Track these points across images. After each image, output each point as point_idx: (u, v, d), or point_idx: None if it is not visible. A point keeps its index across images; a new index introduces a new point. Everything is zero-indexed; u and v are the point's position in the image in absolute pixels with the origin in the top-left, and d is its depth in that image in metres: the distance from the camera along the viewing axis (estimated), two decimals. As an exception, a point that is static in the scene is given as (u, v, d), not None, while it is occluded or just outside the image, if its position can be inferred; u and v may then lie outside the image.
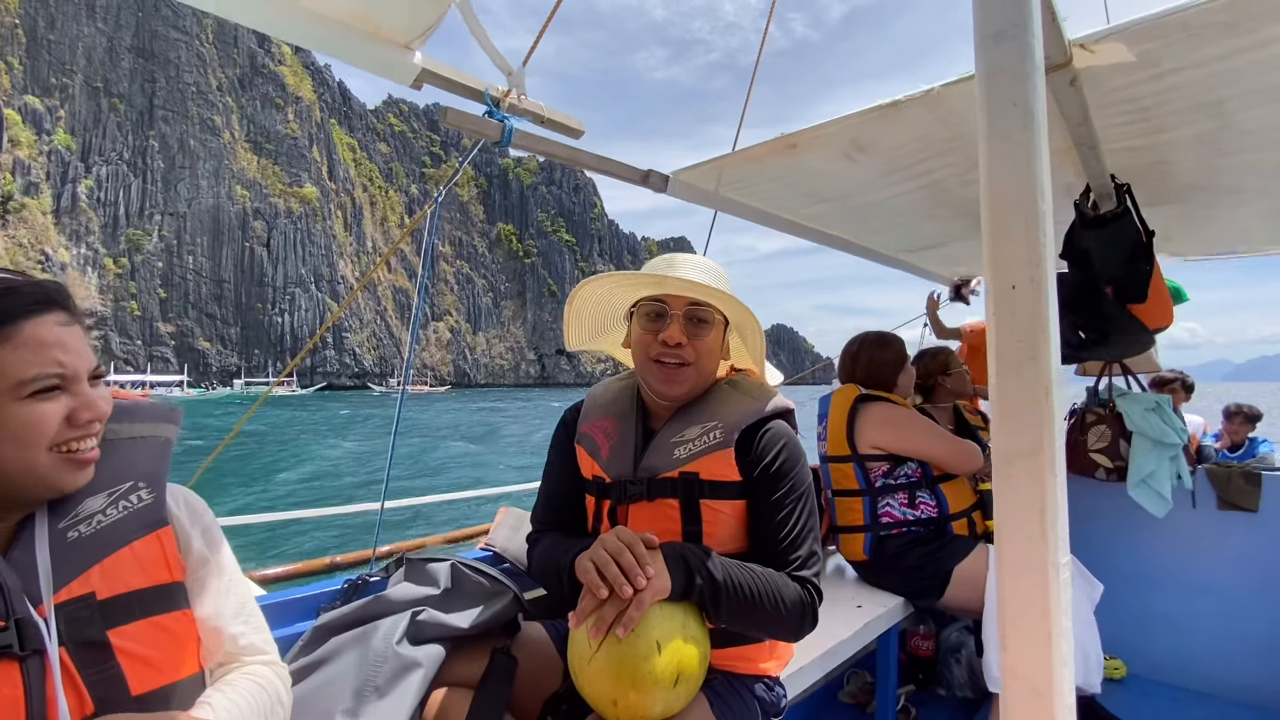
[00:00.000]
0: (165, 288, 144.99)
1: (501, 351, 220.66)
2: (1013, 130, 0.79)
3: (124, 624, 0.76)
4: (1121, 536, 2.61)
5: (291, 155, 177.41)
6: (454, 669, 1.16)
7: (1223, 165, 1.90)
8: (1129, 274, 2.17)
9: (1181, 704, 2.32)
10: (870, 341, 2.28)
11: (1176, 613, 2.49)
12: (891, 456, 2.11)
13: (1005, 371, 0.79)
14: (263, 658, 0.91)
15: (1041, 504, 0.75)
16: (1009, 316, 0.79)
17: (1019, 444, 0.77)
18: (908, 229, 2.66)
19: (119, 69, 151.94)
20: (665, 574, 1.02)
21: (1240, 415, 4.89)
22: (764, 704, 1.25)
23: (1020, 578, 0.76)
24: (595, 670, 0.99)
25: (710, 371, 1.28)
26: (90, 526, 0.78)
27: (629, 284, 1.28)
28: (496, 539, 1.59)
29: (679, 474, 1.20)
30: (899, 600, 2.01)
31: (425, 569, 1.30)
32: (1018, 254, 0.78)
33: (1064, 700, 0.75)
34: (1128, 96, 1.57)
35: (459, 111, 1.54)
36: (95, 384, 0.80)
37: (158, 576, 0.81)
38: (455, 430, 33.69)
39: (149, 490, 0.84)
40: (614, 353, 1.49)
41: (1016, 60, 0.78)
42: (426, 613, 1.17)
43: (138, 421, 0.88)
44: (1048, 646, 0.74)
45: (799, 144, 1.89)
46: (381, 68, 1.44)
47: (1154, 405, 2.38)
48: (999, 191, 0.80)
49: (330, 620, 1.17)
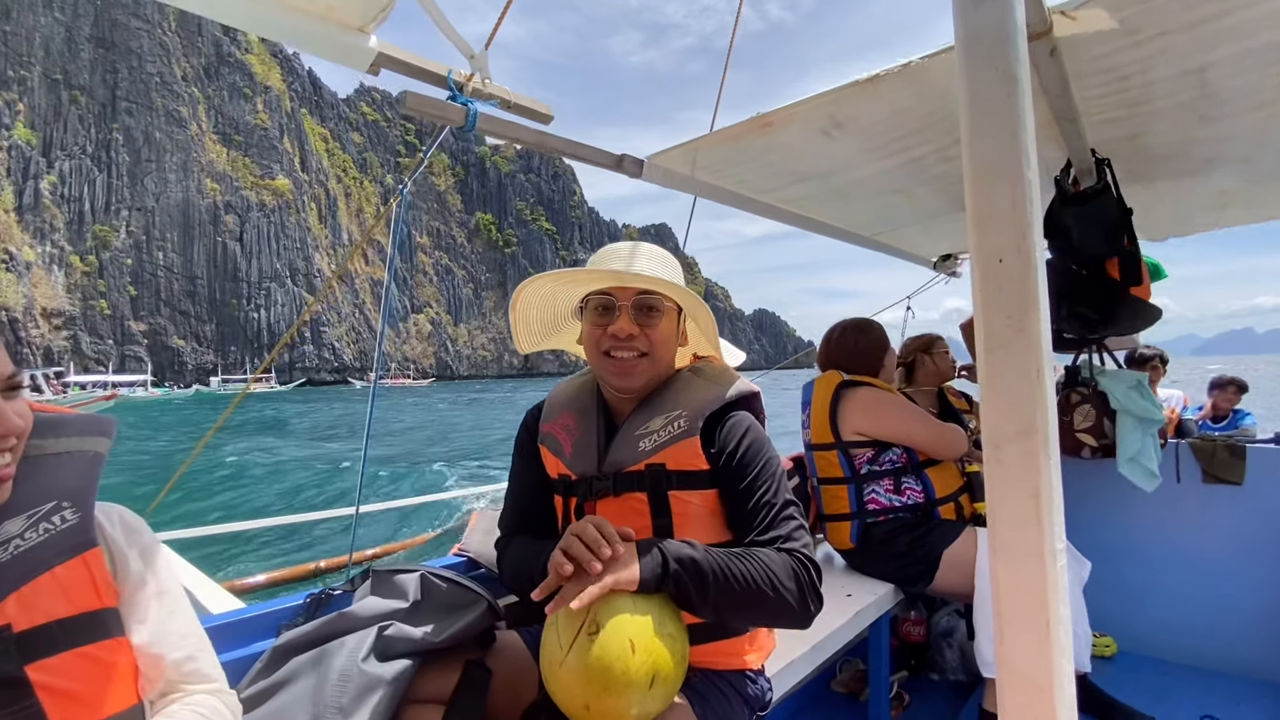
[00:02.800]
0: (135, 285, 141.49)
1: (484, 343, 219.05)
2: (995, 96, 0.74)
3: (44, 657, 0.70)
4: (1107, 513, 2.62)
5: (262, 147, 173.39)
6: (425, 684, 1.10)
7: (1202, 135, 1.88)
8: (1110, 252, 2.16)
9: (1171, 678, 2.34)
10: (851, 328, 2.25)
11: (1164, 588, 2.51)
12: (876, 443, 2.08)
13: (994, 349, 0.74)
14: (209, 686, 0.85)
15: (1036, 488, 0.71)
16: (996, 291, 0.74)
17: (1010, 425, 0.73)
18: (887, 208, 2.62)
19: (79, 60, 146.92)
20: (635, 564, 0.97)
21: (1233, 386, 4.97)
22: (748, 699, 1.21)
23: (1015, 565, 0.72)
24: (566, 673, 0.94)
25: (668, 360, 1.24)
26: (6, 552, 0.71)
27: (569, 280, 1.24)
28: (470, 544, 1.53)
29: (645, 466, 1.16)
30: (889, 587, 1.99)
31: (393, 581, 1.23)
32: (1003, 225, 0.73)
33: (1064, 692, 0.71)
34: (1108, 65, 1.54)
35: (419, 96, 1.46)
36: (12, 396, 0.73)
37: (84, 603, 0.74)
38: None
39: (74, 510, 0.77)
40: (573, 349, 1.44)
41: (998, 22, 0.73)
42: (394, 627, 1.11)
43: (64, 435, 0.80)
44: (1046, 637, 0.70)
45: (775, 122, 1.84)
46: (335, 53, 1.36)
47: (1135, 383, 2.38)
48: (982, 161, 0.75)
49: (290, 640, 1.10)
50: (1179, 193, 2.39)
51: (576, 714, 0.96)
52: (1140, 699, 2.09)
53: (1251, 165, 2.09)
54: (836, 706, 2.23)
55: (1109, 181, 2.03)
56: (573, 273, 1.21)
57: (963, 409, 2.53)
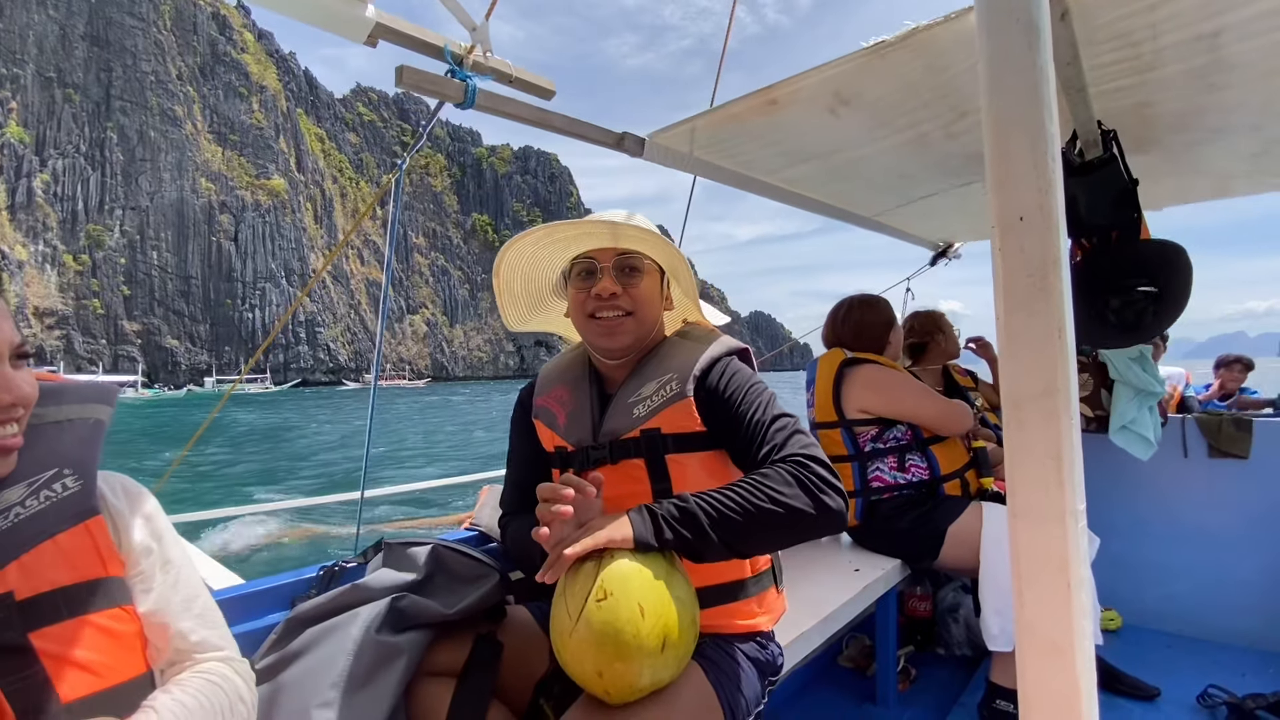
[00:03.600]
0: (129, 285, 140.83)
1: (480, 344, 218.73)
2: (1016, 49, 0.72)
3: (48, 625, 0.68)
4: (1112, 488, 2.63)
5: (257, 146, 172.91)
6: (437, 656, 1.09)
7: (1210, 103, 1.87)
8: (1116, 223, 2.15)
9: (1177, 650, 2.35)
10: (858, 304, 2.24)
11: (1170, 562, 2.52)
12: (880, 420, 2.07)
13: (1014, 309, 0.72)
14: (218, 654, 0.83)
15: (1057, 448, 0.69)
16: (1017, 251, 0.72)
17: (1031, 385, 0.71)
18: (890, 187, 2.61)
19: (73, 58, 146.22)
20: (625, 523, 0.96)
21: (1239, 364, 5.03)
22: (760, 664, 1.19)
23: (1036, 527, 0.70)
24: (577, 642, 0.92)
25: (652, 320, 1.24)
26: (6, 520, 0.69)
27: (547, 241, 1.23)
28: (481, 518, 1.53)
29: (640, 432, 1.16)
30: (895, 563, 1.99)
31: (405, 553, 1.22)
32: (1025, 181, 0.71)
33: (1085, 654, 0.70)
34: (1120, 30, 1.53)
35: (415, 70, 1.44)
36: (18, 365, 0.72)
37: (88, 571, 0.73)
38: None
39: (75, 477, 0.75)
40: (562, 330, 1.44)
41: None
42: (407, 599, 1.10)
43: (65, 403, 0.79)
44: (1067, 599, 0.68)
45: (779, 99, 1.82)
46: (332, 22, 1.34)
47: (1137, 355, 2.38)
48: (1003, 115, 0.73)
49: (305, 611, 1.09)
50: (1184, 162, 2.38)
51: (589, 682, 0.95)
52: (1146, 671, 2.10)
53: (1260, 134, 2.09)
54: (844, 681, 2.23)
55: (1115, 153, 2.02)
56: (550, 228, 1.20)
57: (968, 385, 2.53)
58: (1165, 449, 2.45)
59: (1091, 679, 0.71)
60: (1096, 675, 2.10)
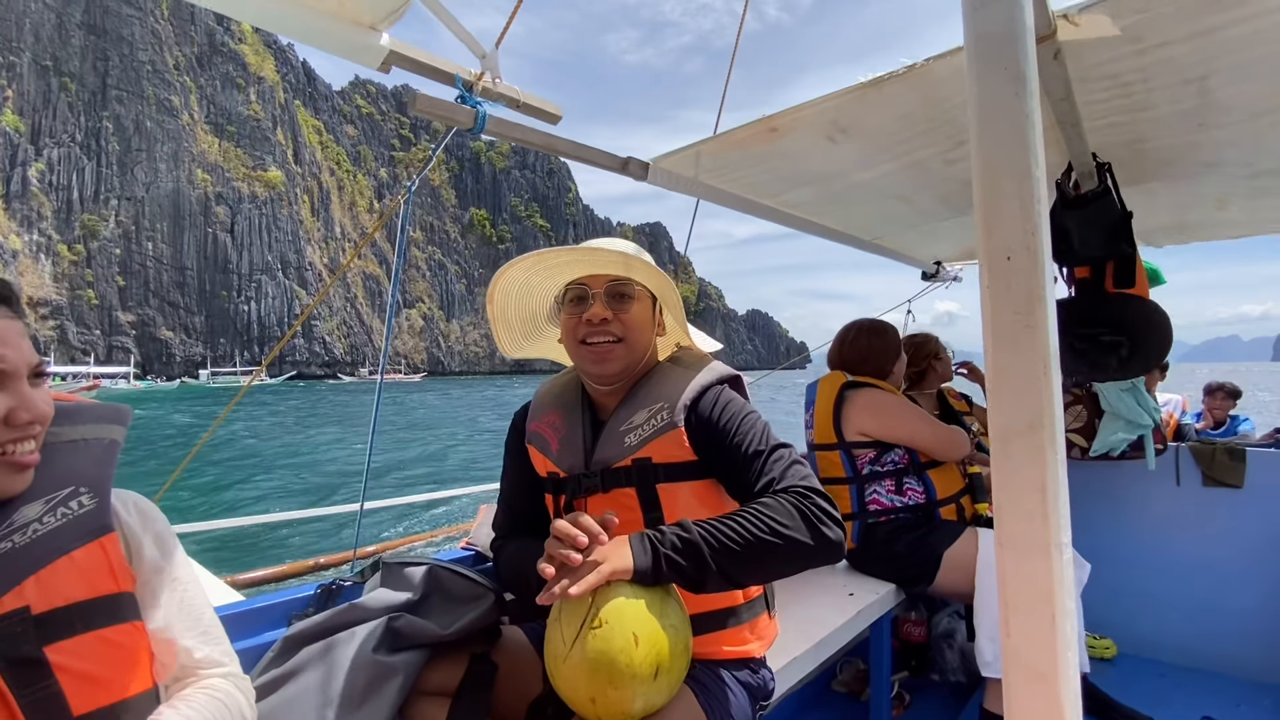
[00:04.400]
0: (124, 275, 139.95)
1: (476, 339, 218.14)
2: (1004, 95, 0.76)
3: (63, 639, 0.71)
4: (1107, 516, 2.64)
5: (255, 138, 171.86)
6: (432, 676, 1.11)
7: (1203, 140, 1.91)
8: (1109, 255, 2.19)
9: (1171, 680, 2.37)
10: (866, 329, 2.26)
11: (1165, 591, 2.53)
12: (878, 443, 2.10)
13: (1002, 346, 0.76)
14: (221, 670, 0.86)
15: (1043, 482, 0.72)
16: (1004, 289, 0.76)
17: (1018, 420, 0.74)
18: (888, 211, 2.64)
19: (69, 47, 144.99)
20: (626, 553, 0.97)
21: (1222, 392, 4.93)
22: (751, 689, 1.22)
23: (1022, 558, 0.73)
24: (571, 668, 0.95)
25: (643, 346, 1.25)
26: (25, 536, 0.72)
27: (539, 267, 1.25)
28: (478, 538, 1.55)
29: (632, 461, 1.17)
30: (890, 587, 2.01)
31: (402, 573, 1.24)
32: (1012, 222, 0.75)
33: (1069, 684, 0.73)
34: (1111, 71, 1.56)
35: (429, 97, 1.47)
36: (37, 383, 0.74)
37: (102, 587, 0.76)
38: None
39: (91, 495, 0.78)
40: (556, 356, 1.47)
41: (1007, 22, 0.75)
42: (403, 619, 1.11)
43: (80, 423, 0.81)
44: (1052, 629, 0.72)
45: (779, 127, 1.86)
46: (347, 50, 1.37)
47: (1129, 386, 2.41)
48: (992, 159, 0.77)
49: (301, 630, 1.10)
50: (1179, 198, 2.41)
51: (582, 707, 0.97)
52: (1140, 700, 2.11)
53: (1252, 171, 2.12)
54: (837, 705, 2.25)
55: (1109, 185, 2.05)
56: (540, 255, 1.22)
57: (963, 410, 2.56)
58: (1159, 477, 2.46)
59: (1077, 707, 0.74)
60: (1089, 703, 2.16)
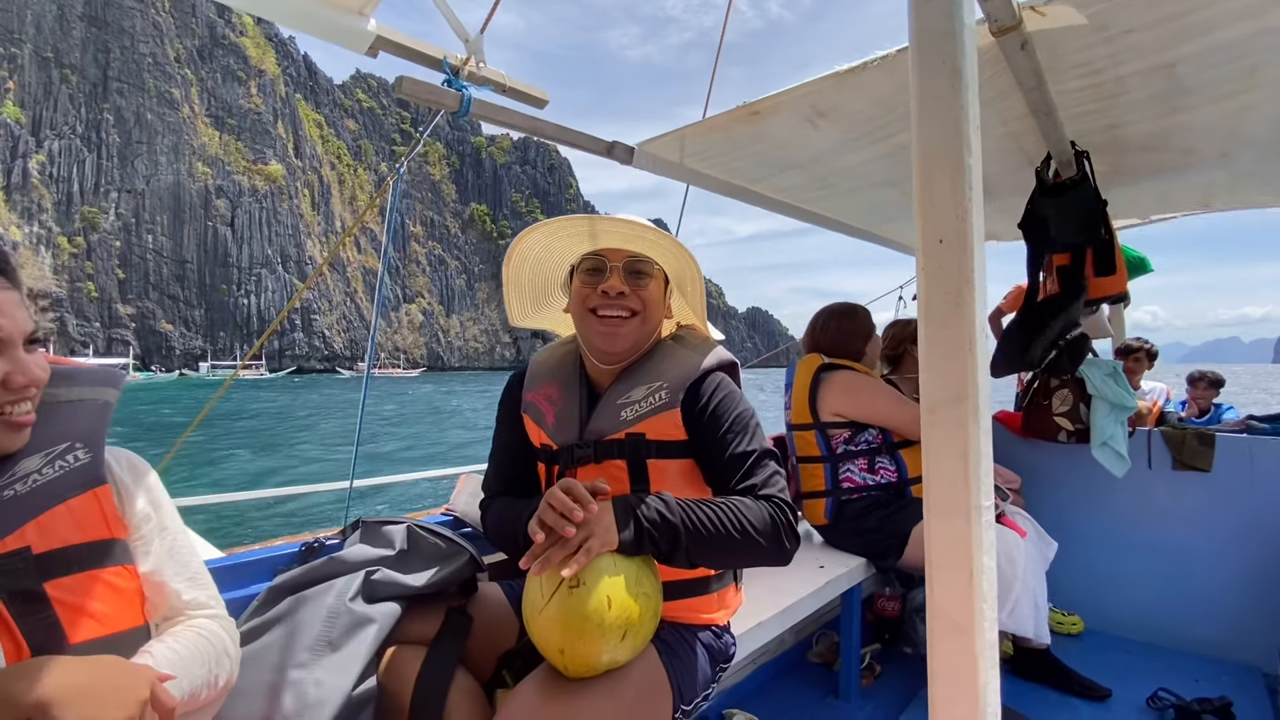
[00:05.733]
0: (124, 268, 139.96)
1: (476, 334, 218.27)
2: (941, 88, 0.81)
3: (61, 576, 0.77)
4: (1081, 497, 2.71)
5: (255, 131, 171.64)
6: (409, 627, 1.16)
7: (1176, 124, 1.94)
8: (1086, 241, 2.24)
9: (1134, 655, 2.44)
10: (836, 313, 2.32)
11: (1132, 570, 2.60)
12: (853, 424, 2.16)
13: (932, 322, 0.81)
14: (207, 612, 0.92)
15: (965, 449, 0.78)
16: (937, 269, 0.81)
17: (944, 392, 0.80)
18: (876, 199, 2.68)
19: (70, 39, 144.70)
20: (612, 527, 1.03)
21: (1204, 381, 5.00)
22: (712, 651, 1.28)
23: (945, 520, 0.79)
24: (546, 620, 1.01)
25: (654, 324, 1.28)
26: (26, 485, 0.79)
27: (566, 232, 1.26)
28: (457, 504, 1.60)
29: (625, 435, 1.21)
30: (860, 561, 2.07)
31: (381, 531, 1.30)
32: (945, 209, 0.80)
33: (985, 636, 0.78)
34: (1081, 60, 1.60)
35: (414, 80, 1.51)
36: (32, 349, 0.81)
37: (95, 532, 0.82)
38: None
39: (86, 450, 0.85)
40: (558, 328, 1.49)
41: (945, 19, 0.80)
42: (381, 572, 1.17)
43: (76, 385, 0.88)
44: (969, 585, 0.77)
45: (761, 111, 1.90)
46: (334, 34, 1.40)
47: (1111, 370, 2.48)
48: (928, 149, 0.82)
49: (285, 580, 1.17)
50: (1160, 181, 2.46)
51: (552, 656, 1.04)
52: (1101, 673, 2.18)
53: (1227, 155, 2.16)
54: (811, 675, 2.32)
55: (1087, 172, 2.10)
56: (567, 220, 1.23)
57: None
58: (1132, 460, 2.52)
59: (993, 659, 0.79)
60: (1051, 676, 2.25)
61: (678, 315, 1.40)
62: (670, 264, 1.29)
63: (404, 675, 1.11)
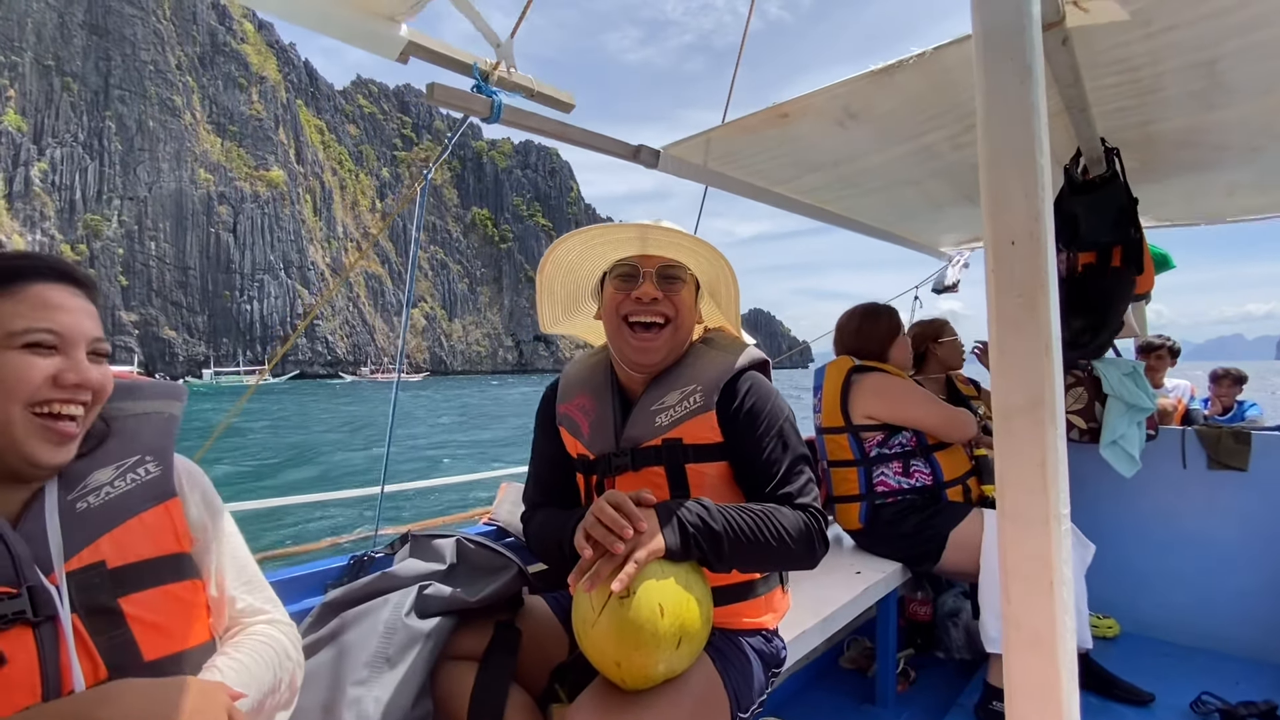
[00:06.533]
0: (127, 275, 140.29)
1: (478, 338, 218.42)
2: (1010, 86, 0.79)
3: (135, 591, 0.77)
4: (1112, 498, 2.68)
5: (257, 137, 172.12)
6: (460, 642, 1.16)
7: (1211, 123, 1.93)
8: (1116, 240, 2.21)
9: (1173, 658, 2.40)
10: (862, 313, 2.30)
11: (1169, 571, 2.56)
12: (885, 426, 2.13)
13: (1005, 327, 0.79)
14: (265, 617, 0.92)
15: (1043, 457, 0.76)
16: (1008, 273, 0.79)
17: (1020, 398, 0.78)
18: (899, 198, 2.67)
19: (71, 46, 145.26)
20: (658, 533, 1.02)
21: (1228, 379, 4.97)
22: (764, 656, 1.27)
23: (1023, 530, 0.77)
24: (599, 633, 1.00)
25: (687, 331, 1.28)
26: (99, 498, 0.78)
27: (600, 241, 1.26)
28: (500, 514, 1.59)
29: (662, 441, 1.20)
30: (897, 566, 2.04)
31: (430, 545, 1.30)
32: (1017, 210, 0.78)
33: (1065, 647, 0.77)
34: (1119, 56, 1.59)
35: (446, 87, 1.50)
36: (98, 360, 0.80)
37: (166, 546, 0.82)
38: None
39: (156, 463, 0.85)
40: (588, 335, 1.48)
41: (1013, 15, 0.78)
42: (433, 587, 1.17)
43: (142, 399, 0.88)
44: (1050, 596, 0.75)
45: (791, 113, 1.89)
46: (366, 41, 1.40)
47: (1130, 370, 2.45)
48: (997, 148, 0.80)
49: (338, 596, 1.17)
50: (1188, 180, 2.44)
51: (608, 670, 1.02)
52: (1141, 677, 2.15)
53: (1260, 152, 2.13)
54: (845, 681, 2.29)
55: (1117, 170, 2.08)
56: (603, 228, 1.23)
57: (970, 395, 2.59)
58: (1165, 460, 2.49)
59: (1073, 671, 0.78)
60: (1090, 680, 2.21)
61: (707, 319, 1.40)
62: (704, 270, 1.28)
63: (458, 692, 1.10)
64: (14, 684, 0.66)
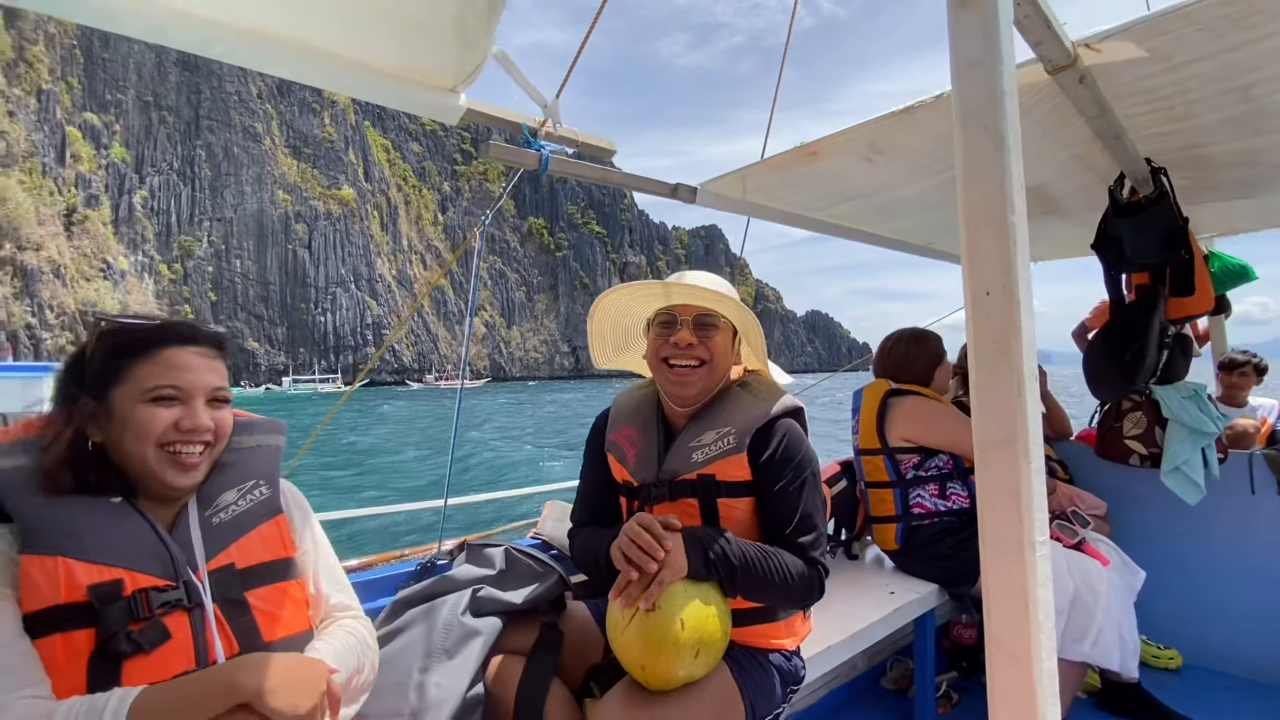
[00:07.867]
0: (215, 291, 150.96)
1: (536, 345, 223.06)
2: (984, 152, 0.86)
3: (257, 587, 0.98)
4: (1176, 524, 2.56)
5: (329, 158, 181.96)
6: (509, 639, 1.32)
7: (1261, 144, 1.88)
8: (1165, 262, 2.16)
9: (1238, 692, 2.30)
10: (906, 338, 2.34)
11: (1236, 602, 2.45)
12: (921, 449, 2.17)
13: (982, 369, 0.86)
14: (351, 612, 1.12)
15: (1017, 488, 0.83)
16: (984, 319, 0.87)
17: (996, 434, 0.85)
18: (937, 220, 2.68)
19: (167, 82, 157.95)
20: (683, 556, 1.17)
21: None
22: (782, 672, 1.38)
23: (1001, 555, 0.85)
24: (627, 640, 1.16)
25: (722, 372, 1.41)
26: (227, 514, 1.00)
27: (641, 294, 1.43)
28: (545, 529, 1.76)
29: (697, 476, 1.34)
30: (933, 587, 2.07)
31: (484, 553, 1.49)
32: (990, 265, 0.86)
33: (1042, 665, 0.84)
34: (1146, 87, 1.59)
35: (500, 145, 1.69)
36: (219, 406, 1.00)
37: (278, 552, 1.03)
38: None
39: (267, 487, 1.06)
40: (640, 369, 1.64)
41: (987, 87, 0.85)
42: (485, 590, 1.35)
43: (255, 434, 1.10)
44: (1025, 616, 0.82)
45: (819, 151, 1.98)
46: (429, 110, 1.58)
47: (1191, 393, 2.37)
48: (973, 206, 0.87)
49: (407, 595, 1.36)
50: (1250, 194, 2.35)
51: (634, 671, 1.19)
52: (1205, 713, 2.06)
53: None
54: (885, 701, 2.31)
55: (1166, 189, 2.02)
56: (641, 285, 1.40)
57: None
58: (1232, 485, 2.37)
59: (1052, 687, 0.85)
60: (1148, 713, 2.15)
61: (746, 361, 1.52)
62: (736, 315, 1.41)
63: (507, 683, 1.26)
64: (176, 655, 0.87)
